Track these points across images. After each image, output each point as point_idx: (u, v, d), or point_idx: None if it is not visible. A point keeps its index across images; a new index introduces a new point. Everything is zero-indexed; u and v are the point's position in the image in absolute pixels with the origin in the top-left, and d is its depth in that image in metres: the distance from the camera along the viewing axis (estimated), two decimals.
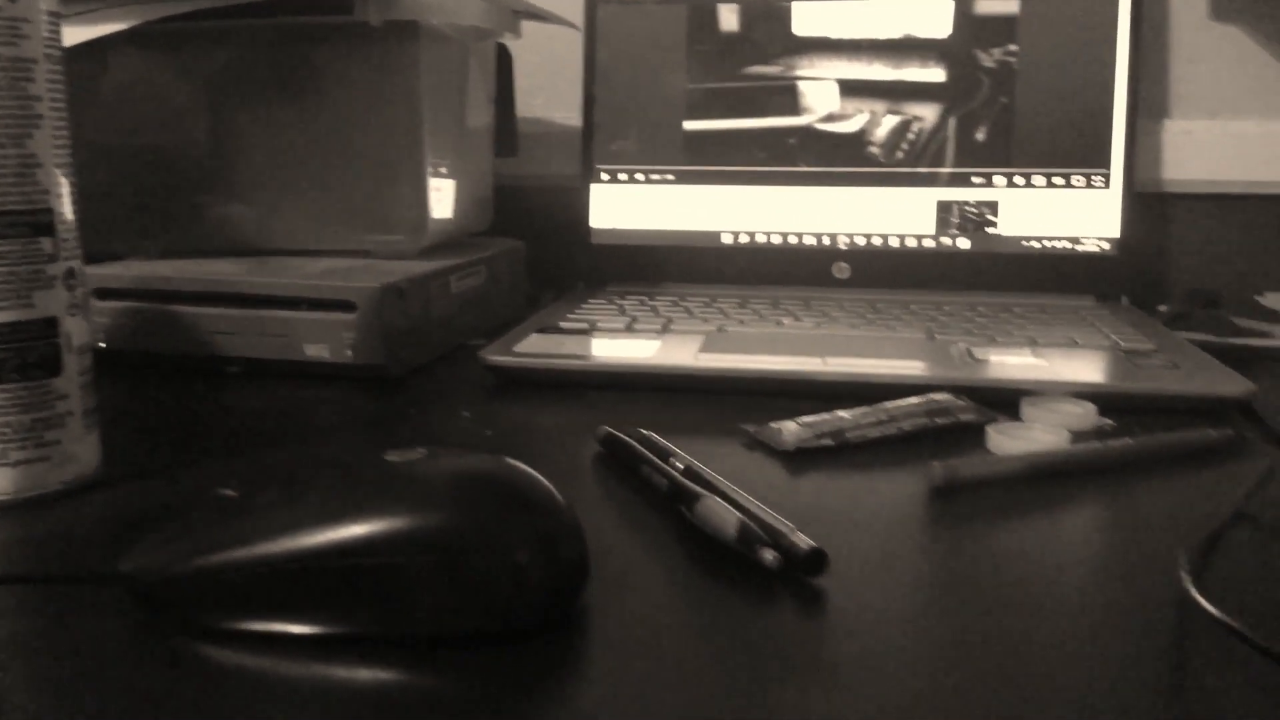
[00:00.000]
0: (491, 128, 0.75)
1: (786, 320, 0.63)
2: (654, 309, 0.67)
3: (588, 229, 0.79)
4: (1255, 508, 0.37)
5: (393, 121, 0.62)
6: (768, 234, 0.77)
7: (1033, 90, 0.74)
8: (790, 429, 0.44)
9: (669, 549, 0.34)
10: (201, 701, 0.25)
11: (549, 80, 0.85)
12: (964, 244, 0.75)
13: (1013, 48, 0.74)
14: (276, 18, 0.60)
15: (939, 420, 0.46)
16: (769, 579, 0.31)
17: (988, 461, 0.40)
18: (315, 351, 0.54)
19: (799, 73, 0.77)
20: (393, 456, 0.29)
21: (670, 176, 0.78)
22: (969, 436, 0.45)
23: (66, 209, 0.37)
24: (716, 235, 0.78)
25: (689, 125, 0.78)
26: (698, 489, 0.35)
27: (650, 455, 0.39)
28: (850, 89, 0.76)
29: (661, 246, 0.78)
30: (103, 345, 0.57)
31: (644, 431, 0.42)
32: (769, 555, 0.31)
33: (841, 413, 0.45)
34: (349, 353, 0.54)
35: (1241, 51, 0.79)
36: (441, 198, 0.65)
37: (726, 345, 0.56)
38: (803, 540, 0.31)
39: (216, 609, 0.28)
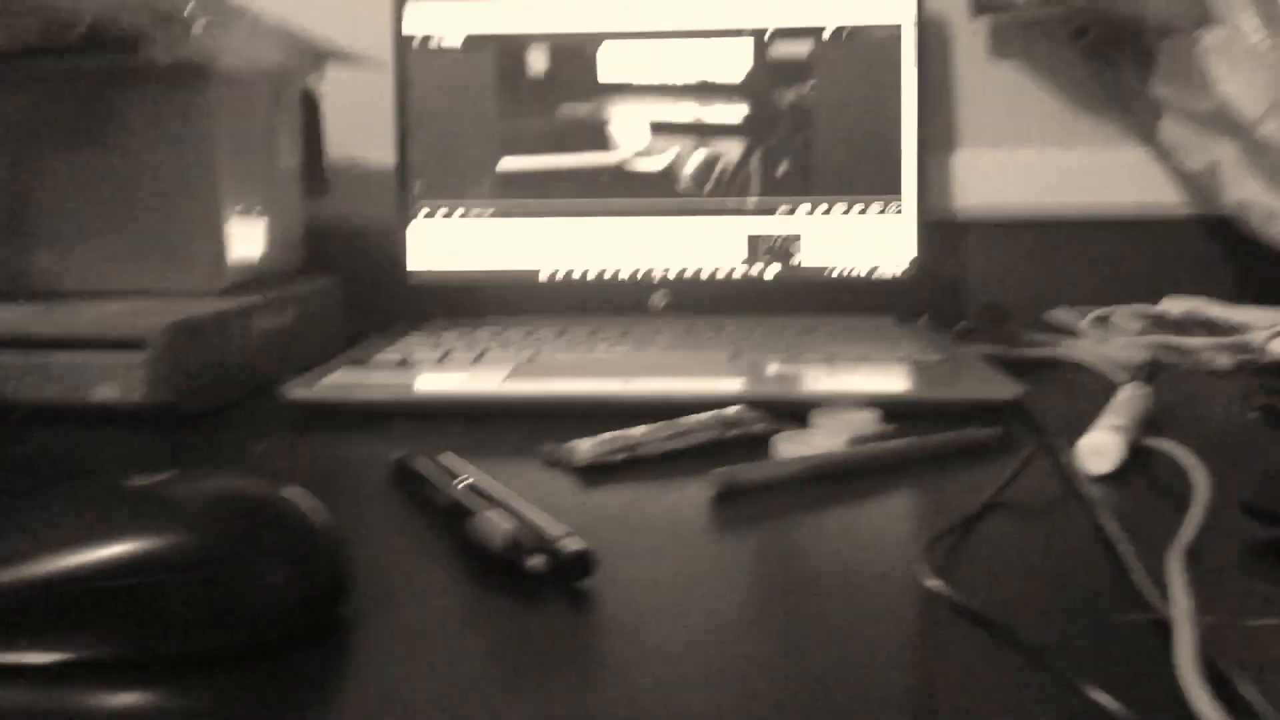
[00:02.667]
0: (299, 168, 0.74)
1: (600, 347, 0.64)
2: (471, 342, 0.67)
3: (405, 268, 0.79)
4: (1014, 496, 0.40)
5: (186, 163, 0.60)
6: (586, 268, 0.78)
7: (828, 125, 0.77)
8: (584, 446, 0.45)
9: (445, 564, 0.34)
10: None
11: (366, 121, 0.85)
12: (773, 271, 0.77)
13: (807, 86, 0.78)
14: (66, 60, 0.59)
15: (730, 432, 0.47)
16: (541, 585, 0.32)
17: (766, 466, 0.42)
18: (105, 393, 0.52)
19: (608, 111, 0.79)
20: (138, 480, 0.29)
21: (488, 212, 0.79)
22: (759, 446, 0.47)
23: None
24: (535, 271, 0.79)
25: (504, 164, 0.79)
26: (475, 504, 0.35)
27: (435, 476, 0.39)
28: (658, 127, 0.79)
29: (481, 283, 0.79)
30: None
31: (439, 455, 0.42)
32: (535, 560, 0.31)
33: (636, 429, 0.46)
34: (139, 393, 0.52)
35: (1021, 85, 0.85)
36: (242, 238, 0.64)
37: (534, 371, 0.57)
38: (571, 544, 0.32)
39: None
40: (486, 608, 0.30)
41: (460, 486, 0.38)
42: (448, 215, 0.79)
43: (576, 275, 0.78)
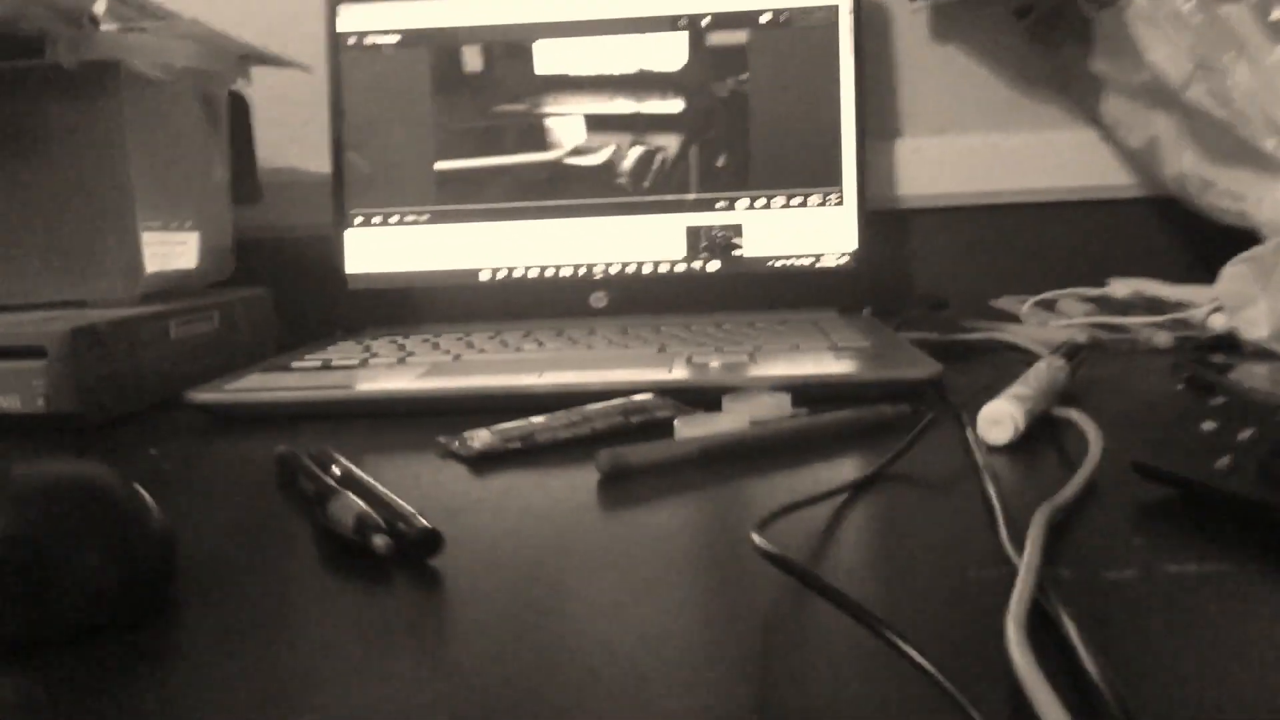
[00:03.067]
0: (229, 176, 0.73)
1: (528, 346, 0.63)
2: (399, 346, 0.66)
3: (343, 275, 0.78)
4: (909, 468, 0.38)
5: (98, 168, 0.60)
6: (525, 268, 0.77)
7: (766, 116, 0.77)
8: (481, 436, 0.44)
9: (302, 550, 0.33)
10: None
11: (299, 128, 0.84)
12: (714, 266, 0.76)
13: (744, 77, 0.77)
14: None
15: (634, 418, 0.46)
16: (393, 568, 0.30)
17: (654, 447, 0.40)
18: (6, 402, 0.51)
19: (545, 109, 0.78)
20: None
21: (425, 217, 0.78)
22: (663, 432, 0.45)
23: None
24: (475, 273, 0.78)
25: (440, 165, 0.78)
26: (334, 489, 0.34)
27: (308, 467, 0.38)
28: (595, 122, 0.78)
29: (420, 287, 0.78)
30: None
31: (321, 450, 0.41)
32: (380, 540, 0.30)
33: (536, 419, 0.45)
34: (40, 401, 0.51)
35: (963, 69, 0.84)
36: (162, 247, 0.63)
37: (451, 370, 0.56)
38: (418, 523, 0.31)
39: None
40: (333, 590, 0.29)
41: (326, 476, 0.37)
42: (385, 220, 0.78)
43: (517, 276, 0.77)
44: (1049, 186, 0.83)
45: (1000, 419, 0.40)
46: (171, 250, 0.65)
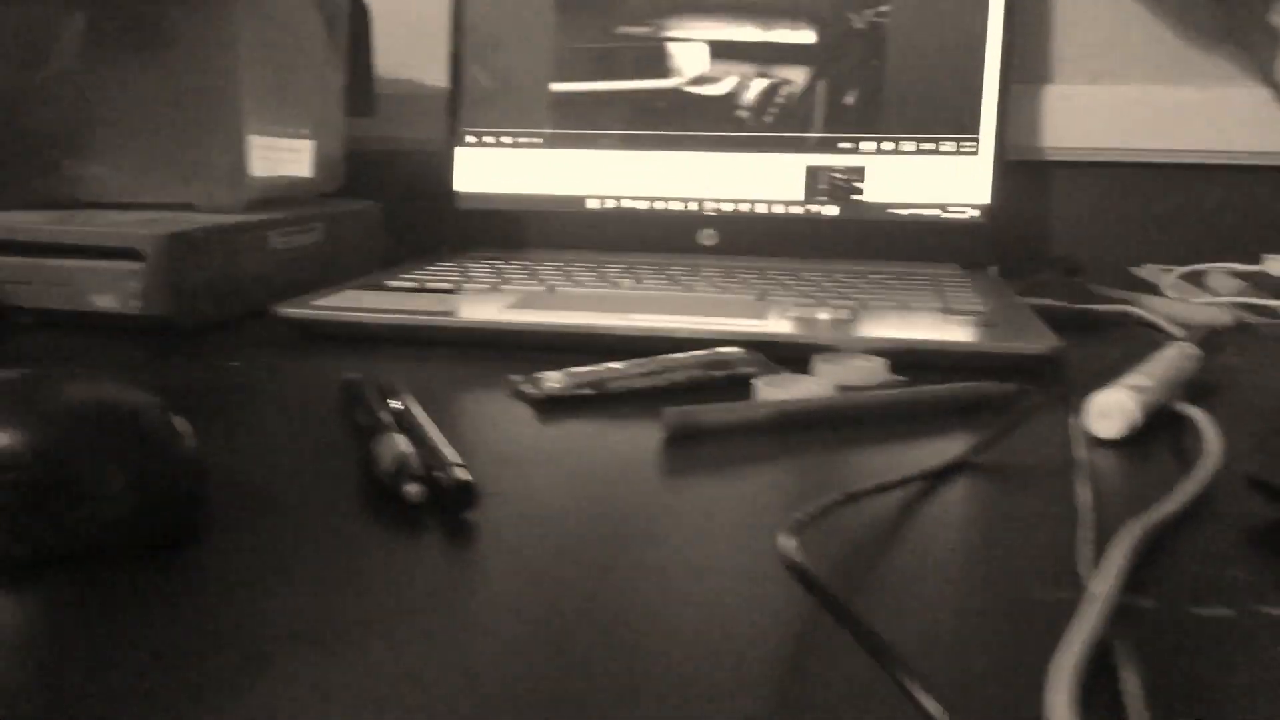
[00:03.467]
0: (344, 86, 0.72)
1: (626, 282, 0.61)
2: (498, 271, 0.65)
3: (452, 193, 0.77)
4: (1003, 457, 0.35)
5: (209, 72, 0.59)
6: (634, 199, 0.75)
7: (903, 54, 0.72)
8: (552, 378, 0.42)
9: (342, 487, 0.32)
10: None
11: (418, 41, 0.83)
12: (832, 211, 0.73)
13: (884, 9, 0.72)
14: None
15: (714, 373, 0.44)
16: (425, 516, 0.29)
17: (725, 409, 0.38)
18: (103, 302, 0.52)
19: (669, 33, 0.75)
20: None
21: (537, 140, 0.76)
22: (745, 390, 0.43)
23: None
24: (583, 200, 0.76)
25: (557, 87, 0.76)
26: (385, 426, 0.33)
27: (366, 398, 0.37)
28: (720, 50, 0.74)
29: (527, 211, 0.76)
30: None
31: (386, 381, 0.40)
32: (412, 489, 0.29)
33: (613, 364, 0.43)
34: (135, 303, 0.52)
35: (1125, 14, 0.77)
36: (271, 153, 0.63)
37: (539, 303, 0.54)
38: (457, 474, 0.29)
39: None
40: (363, 534, 0.28)
41: (381, 411, 0.35)
42: (498, 141, 0.76)
43: (625, 206, 0.75)
44: (1210, 148, 0.76)
45: (1111, 411, 0.36)
46: (281, 157, 0.65)
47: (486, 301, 0.54)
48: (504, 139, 0.76)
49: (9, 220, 0.55)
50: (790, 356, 0.46)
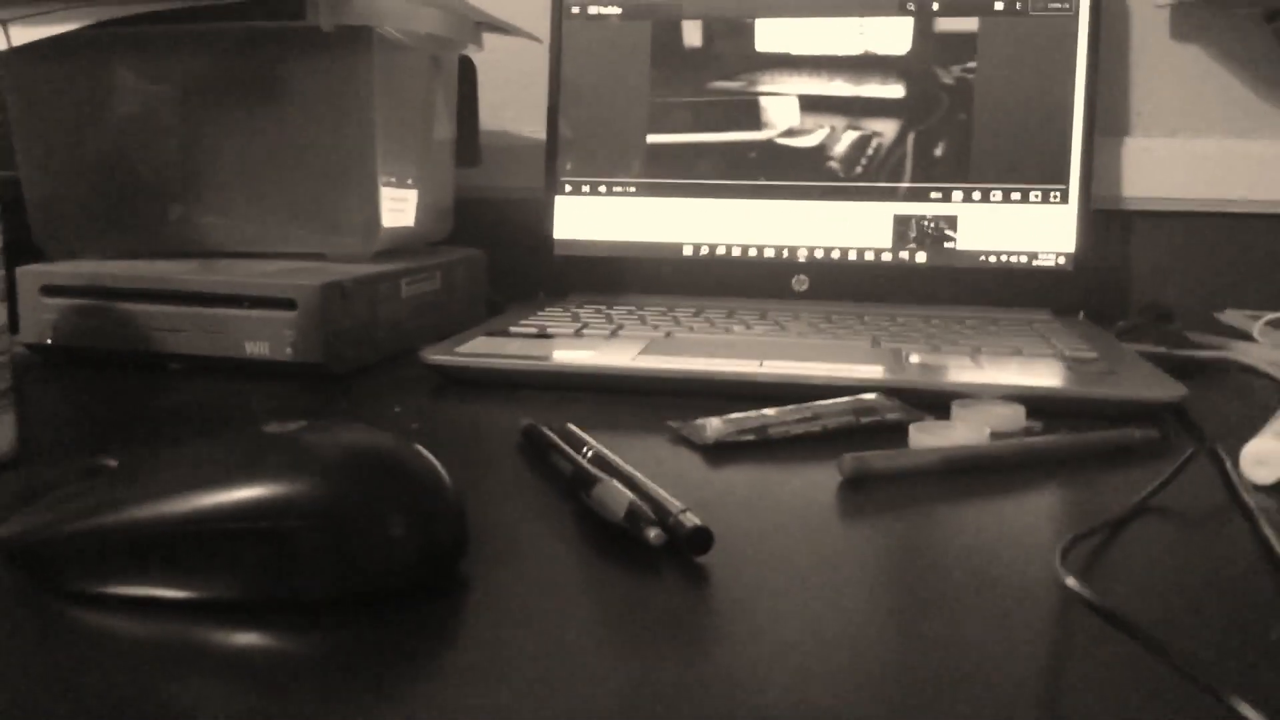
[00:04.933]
0: (453, 138, 0.75)
1: (737, 328, 0.64)
2: (608, 316, 0.67)
3: (551, 240, 0.79)
4: (1168, 501, 0.37)
5: (345, 127, 0.62)
6: (728, 246, 0.77)
7: (991, 106, 0.74)
8: (713, 424, 0.44)
9: (565, 530, 0.34)
10: (74, 666, 0.25)
11: (517, 93, 0.86)
12: (921, 258, 0.75)
13: (971, 64, 0.74)
14: (230, 21, 0.61)
15: (864, 419, 0.46)
16: (657, 558, 0.31)
17: (901, 455, 0.40)
18: (255, 349, 0.55)
19: (761, 88, 0.78)
20: (271, 428, 0.30)
21: (632, 189, 0.79)
22: (894, 435, 0.45)
23: None
24: (678, 247, 0.78)
25: (652, 139, 0.79)
26: (597, 474, 0.35)
27: (561, 444, 0.39)
28: (811, 104, 0.77)
29: (623, 258, 0.79)
30: (49, 342, 0.57)
31: (566, 425, 0.42)
32: (653, 533, 0.31)
33: (768, 410, 0.45)
34: (288, 350, 0.54)
35: (1202, 70, 0.80)
36: (396, 204, 0.66)
37: (667, 349, 0.56)
38: (690, 519, 0.31)
39: (89, 574, 0.28)
40: (603, 575, 0.30)
41: (585, 456, 0.38)
42: (594, 190, 0.79)
43: (719, 254, 0.77)
44: None
45: (1268, 458, 0.38)
46: (405, 207, 0.67)
47: (615, 348, 0.57)
48: (599, 188, 0.79)
49: (159, 270, 0.58)
50: (927, 403, 0.48)
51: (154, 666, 0.25)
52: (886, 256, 0.75)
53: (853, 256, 0.76)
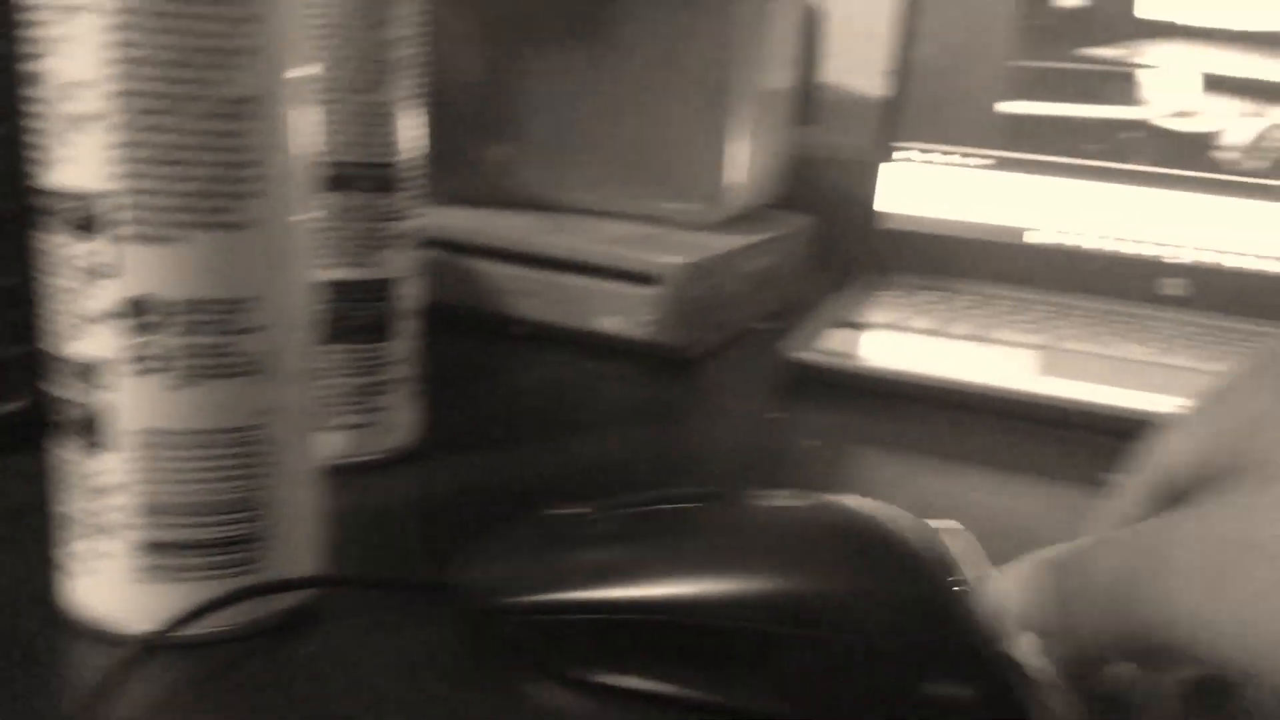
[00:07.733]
0: (790, 93, 0.69)
1: (1115, 341, 0.56)
2: (953, 309, 0.60)
3: (871, 211, 0.72)
4: None
5: (698, 80, 0.56)
6: (1084, 236, 0.69)
7: None
8: None
9: None
10: None
11: (852, 43, 0.78)
12: None
13: None
14: None
15: None
16: None
17: None
18: (609, 324, 0.50)
19: (1141, 60, 0.68)
20: (760, 500, 0.25)
21: (978, 161, 0.71)
22: None
23: (414, 164, 0.34)
24: (1022, 232, 0.70)
25: (1005, 107, 0.70)
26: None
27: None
28: (1202, 82, 0.67)
29: (957, 238, 0.71)
30: None
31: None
32: None
33: None
34: (647, 329, 0.50)
35: None
36: (739, 166, 0.60)
37: (1067, 369, 0.49)
38: None
39: (555, 651, 0.24)
40: None
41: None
42: (933, 159, 0.71)
43: (1070, 244, 0.69)
44: None
45: None
46: (743, 171, 0.62)
47: (1002, 360, 0.50)
48: (939, 157, 0.71)
49: (509, 228, 0.54)
50: None
51: None
52: None
53: (1240, 264, 0.66)
